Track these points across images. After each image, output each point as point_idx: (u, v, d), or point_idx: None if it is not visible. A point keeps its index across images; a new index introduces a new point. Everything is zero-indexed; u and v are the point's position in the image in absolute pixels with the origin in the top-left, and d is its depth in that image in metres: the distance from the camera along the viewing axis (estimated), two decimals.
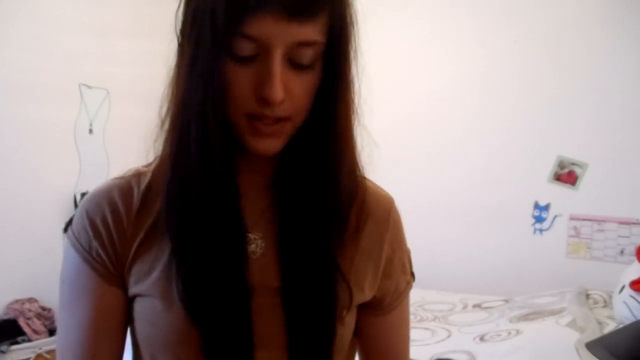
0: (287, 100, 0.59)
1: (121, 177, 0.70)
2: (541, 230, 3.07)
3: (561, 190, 3.02)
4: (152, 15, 3.76)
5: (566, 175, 3.02)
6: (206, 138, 0.60)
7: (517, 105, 3.15)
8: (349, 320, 0.70)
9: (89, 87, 3.37)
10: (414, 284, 0.82)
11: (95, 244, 0.65)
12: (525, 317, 2.26)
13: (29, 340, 2.85)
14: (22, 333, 2.85)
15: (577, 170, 2.99)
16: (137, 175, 0.70)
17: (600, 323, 2.09)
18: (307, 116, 0.63)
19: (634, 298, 2.08)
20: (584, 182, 2.97)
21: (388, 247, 0.74)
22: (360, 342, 0.77)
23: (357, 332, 0.75)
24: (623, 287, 2.17)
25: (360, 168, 0.70)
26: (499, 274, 3.09)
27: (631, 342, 1.73)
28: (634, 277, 2.14)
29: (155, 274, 0.64)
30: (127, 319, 0.69)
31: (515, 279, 3.04)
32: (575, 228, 2.99)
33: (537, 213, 3.08)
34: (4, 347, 2.71)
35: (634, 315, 2.05)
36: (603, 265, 2.89)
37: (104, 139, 3.47)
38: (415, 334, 2.17)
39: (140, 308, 0.66)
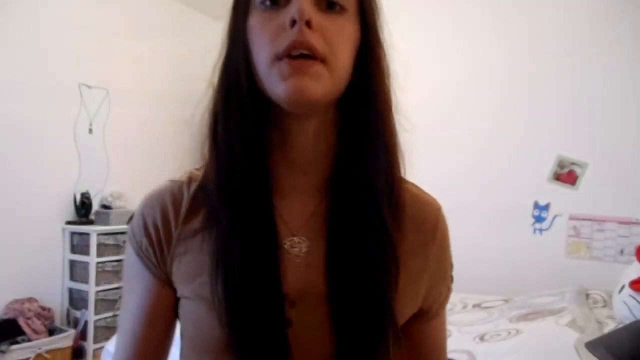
0: (320, 36, 0.59)
1: (175, 181, 0.71)
2: (541, 230, 3.07)
3: (561, 190, 3.02)
4: (152, 15, 3.77)
5: (566, 175, 3.02)
6: (242, 128, 0.63)
7: (517, 106, 3.15)
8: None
9: (89, 87, 3.37)
10: None
11: (145, 241, 0.69)
12: (525, 317, 2.26)
13: (29, 340, 2.85)
14: (22, 333, 2.84)
15: (577, 170, 2.99)
16: (189, 179, 0.71)
17: (600, 323, 2.09)
18: (349, 78, 0.63)
19: (634, 298, 2.08)
20: (584, 182, 2.97)
21: (433, 261, 0.72)
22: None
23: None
24: (623, 287, 2.17)
25: (403, 170, 0.70)
26: (499, 274, 3.09)
27: (631, 342, 1.73)
28: (634, 277, 2.14)
29: (200, 279, 0.65)
30: (175, 314, 0.71)
31: (515, 279, 3.04)
32: (575, 228, 2.99)
33: (537, 213, 3.09)
34: (4, 347, 2.71)
35: (633, 315, 2.05)
36: (603, 265, 2.89)
37: (104, 139, 3.47)
38: None
39: (186, 310, 0.68)
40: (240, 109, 0.64)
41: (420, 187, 0.75)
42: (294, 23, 0.58)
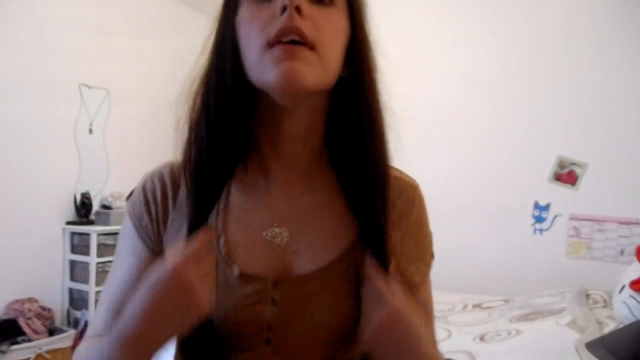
0: (310, 23, 0.61)
1: (173, 161, 0.75)
2: (541, 230, 3.07)
3: (561, 190, 3.02)
4: (152, 15, 3.77)
5: (566, 175, 3.02)
6: (223, 111, 0.65)
7: (517, 106, 3.15)
8: None
9: (89, 87, 3.37)
10: None
11: (146, 217, 0.72)
12: (525, 317, 2.26)
13: (29, 340, 2.85)
14: (22, 333, 2.84)
15: (577, 170, 2.99)
16: None
17: (600, 323, 2.09)
18: (339, 71, 0.65)
19: (634, 298, 2.08)
20: (584, 182, 2.97)
21: (409, 236, 0.74)
22: None
23: None
24: (623, 287, 2.17)
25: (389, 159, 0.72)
26: (499, 274, 3.09)
27: (631, 342, 1.73)
28: (634, 277, 2.14)
29: None
30: None
31: (515, 279, 3.04)
32: (575, 228, 2.99)
33: (537, 213, 3.08)
34: (4, 347, 2.71)
35: (634, 315, 2.05)
36: (603, 265, 2.89)
37: (104, 139, 3.47)
38: None
39: None
40: (222, 100, 0.65)
41: (399, 169, 0.76)
42: (284, 9, 0.59)
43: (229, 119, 0.66)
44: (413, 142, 3.71)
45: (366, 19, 0.69)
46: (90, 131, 3.40)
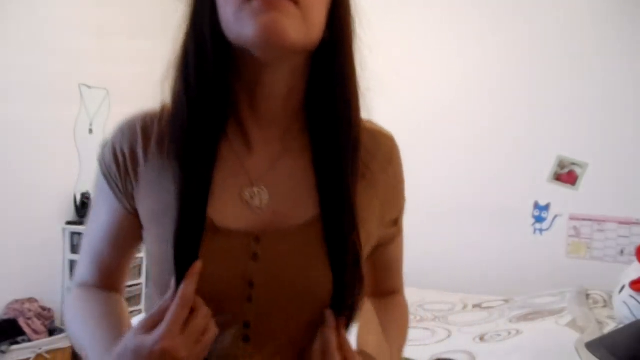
0: None
1: (148, 111, 0.72)
2: (541, 230, 3.07)
3: (561, 190, 3.02)
4: (152, 15, 3.77)
5: (566, 175, 3.02)
6: (202, 69, 0.64)
7: (517, 105, 3.15)
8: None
9: (89, 87, 3.37)
10: (413, 284, 0.83)
11: (114, 168, 0.70)
12: (525, 317, 2.26)
13: (29, 340, 2.84)
14: (22, 333, 2.84)
15: (577, 170, 2.99)
16: (162, 110, 0.71)
17: (600, 323, 2.09)
18: (321, 32, 0.63)
19: (634, 298, 2.08)
20: (584, 182, 2.97)
21: (390, 188, 0.76)
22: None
23: None
24: (623, 287, 2.17)
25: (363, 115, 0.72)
26: (499, 274, 3.09)
27: (631, 342, 1.73)
28: (634, 277, 2.14)
29: (163, 219, 0.66)
30: (137, 241, 0.75)
31: (515, 279, 3.04)
32: (575, 228, 2.99)
33: (537, 213, 3.08)
34: (4, 347, 2.71)
35: (634, 315, 2.05)
36: (603, 265, 2.89)
37: (104, 139, 3.47)
38: (415, 334, 2.17)
39: (149, 249, 0.71)
40: (202, 58, 0.64)
41: (373, 122, 0.76)
42: None
43: (209, 80, 0.64)
44: (413, 142, 3.72)
45: None
46: (90, 131, 3.40)
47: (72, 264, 3.29)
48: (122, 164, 0.70)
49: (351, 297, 0.67)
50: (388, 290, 0.87)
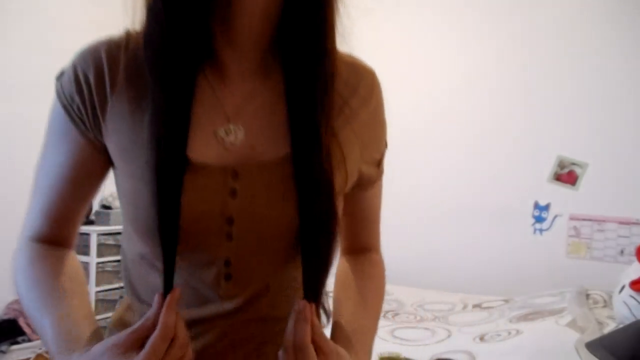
0: None
1: (112, 38, 0.68)
2: (541, 230, 3.07)
3: (561, 190, 3.02)
4: None
5: (566, 175, 3.02)
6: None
7: (517, 105, 3.15)
8: (339, 203, 0.70)
9: None
10: (413, 284, 0.83)
11: (77, 98, 0.66)
12: (525, 317, 2.25)
13: (29, 340, 2.85)
14: (22, 333, 2.85)
15: (577, 170, 2.99)
16: (128, 37, 0.67)
17: (600, 323, 2.09)
18: None
19: (634, 298, 2.08)
20: (584, 182, 2.97)
21: (370, 125, 0.74)
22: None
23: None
24: (623, 287, 2.17)
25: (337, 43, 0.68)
26: (499, 274, 3.09)
27: (631, 342, 1.73)
28: (634, 277, 2.14)
29: (136, 154, 0.64)
30: (101, 179, 0.71)
31: (515, 279, 3.04)
32: (575, 228, 2.99)
33: (537, 213, 3.08)
34: (4, 347, 2.71)
35: (634, 315, 2.05)
36: (603, 265, 2.89)
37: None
38: (415, 334, 2.17)
39: (123, 187, 0.67)
40: None
41: (353, 55, 0.74)
42: None
43: (186, 16, 0.61)
44: (413, 142, 3.70)
45: None
46: None
47: None
48: (86, 94, 0.65)
49: (322, 235, 0.65)
50: (364, 246, 0.85)
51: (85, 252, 3.19)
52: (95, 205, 3.37)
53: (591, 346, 1.74)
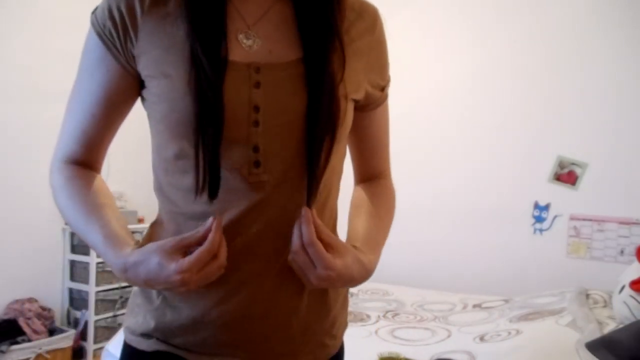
0: None
1: None
2: (541, 230, 3.07)
3: (561, 190, 3.02)
4: None
5: (566, 175, 3.02)
6: None
7: (517, 105, 3.15)
8: (349, 114, 0.78)
9: None
10: (413, 284, 0.84)
11: (109, 24, 0.73)
12: (525, 317, 2.25)
13: (29, 340, 2.85)
14: (22, 333, 2.85)
15: (577, 170, 2.99)
16: None
17: (600, 323, 2.09)
18: None
19: (634, 298, 2.08)
20: (584, 182, 2.97)
21: (374, 51, 0.82)
22: (351, 137, 0.87)
23: (350, 129, 0.83)
24: (623, 287, 2.17)
25: None
26: (499, 274, 3.09)
27: (631, 342, 1.73)
28: (634, 277, 2.14)
29: (173, 58, 0.71)
30: (128, 104, 0.79)
31: (515, 279, 3.04)
32: (575, 228, 2.99)
33: (537, 213, 3.08)
34: (4, 347, 2.71)
35: (634, 315, 2.05)
36: (603, 265, 2.89)
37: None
38: (415, 334, 2.17)
39: (157, 91, 0.73)
40: None
41: None
42: None
43: None
44: (413, 143, 3.70)
45: None
46: None
47: (72, 264, 3.29)
48: (119, 20, 0.73)
49: (326, 120, 0.72)
50: (375, 172, 0.93)
51: (85, 252, 3.19)
52: None
53: (591, 346, 1.74)
